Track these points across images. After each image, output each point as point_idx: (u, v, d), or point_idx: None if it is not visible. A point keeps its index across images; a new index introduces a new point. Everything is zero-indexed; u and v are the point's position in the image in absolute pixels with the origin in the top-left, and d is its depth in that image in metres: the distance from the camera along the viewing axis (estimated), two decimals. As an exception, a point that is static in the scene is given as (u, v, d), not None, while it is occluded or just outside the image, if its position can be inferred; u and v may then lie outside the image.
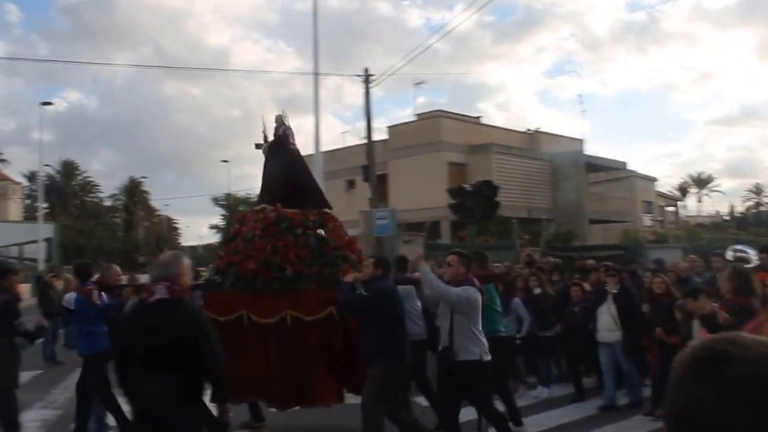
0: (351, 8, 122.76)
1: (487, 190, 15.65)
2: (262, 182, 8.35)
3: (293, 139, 8.24)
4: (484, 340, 6.57)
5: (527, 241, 26.62)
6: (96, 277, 8.33)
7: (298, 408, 7.65)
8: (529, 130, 42.28)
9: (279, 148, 8.16)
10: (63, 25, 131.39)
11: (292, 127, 8.34)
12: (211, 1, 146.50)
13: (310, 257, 7.30)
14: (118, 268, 9.03)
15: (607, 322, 9.23)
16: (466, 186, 16.41)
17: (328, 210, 8.08)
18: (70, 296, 7.49)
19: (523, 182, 36.25)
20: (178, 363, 4.33)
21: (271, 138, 8.26)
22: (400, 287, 7.29)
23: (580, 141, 42.90)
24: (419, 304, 8.13)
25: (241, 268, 7.21)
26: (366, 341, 6.66)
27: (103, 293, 7.87)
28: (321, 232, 7.58)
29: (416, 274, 7.21)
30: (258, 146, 8.28)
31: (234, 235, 7.86)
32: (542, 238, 27.00)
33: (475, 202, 15.36)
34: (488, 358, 6.50)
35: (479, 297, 6.54)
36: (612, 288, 9.42)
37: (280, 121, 8.29)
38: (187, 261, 4.75)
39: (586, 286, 10.50)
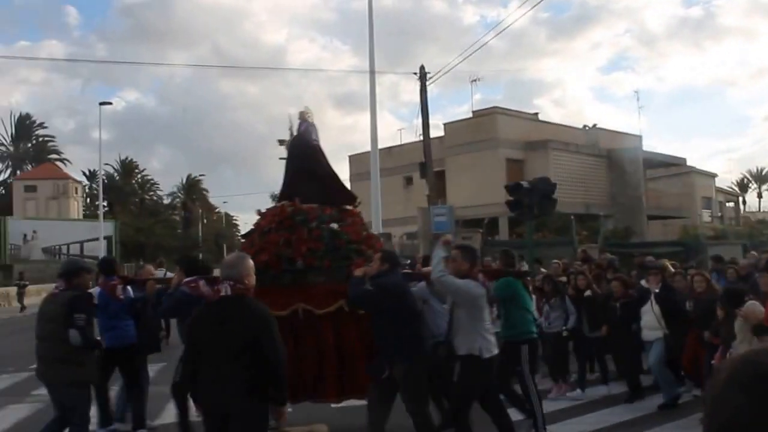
0: (406, 7, 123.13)
1: (545, 187, 15.76)
2: (284, 178, 8.38)
3: (316, 135, 8.26)
4: (491, 338, 6.41)
5: (585, 237, 26.64)
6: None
7: (307, 403, 7.56)
8: (586, 126, 42.04)
9: (301, 145, 8.25)
10: (121, 26, 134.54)
11: (316, 123, 8.39)
12: (267, 0, 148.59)
13: (323, 251, 7.28)
14: (151, 267, 9.43)
15: (650, 321, 9.11)
16: (524, 182, 16.54)
17: (349, 206, 8.13)
18: (94, 291, 7.54)
19: (580, 178, 36.13)
20: (244, 359, 4.55)
21: (294, 134, 8.29)
22: (420, 285, 7.20)
23: (639, 137, 42.52)
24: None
25: (254, 261, 7.28)
26: (377, 338, 6.54)
27: (128, 288, 7.98)
28: (334, 225, 7.58)
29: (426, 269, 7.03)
30: (281, 142, 8.49)
31: (253, 230, 8.05)
32: (600, 235, 26.95)
33: (532, 199, 15.50)
34: (489, 355, 6.28)
35: (481, 292, 6.35)
36: (654, 287, 9.36)
37: (303, 118, 8.33)
38: (250, 262, 5.01)
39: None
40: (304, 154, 8.18)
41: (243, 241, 8.34)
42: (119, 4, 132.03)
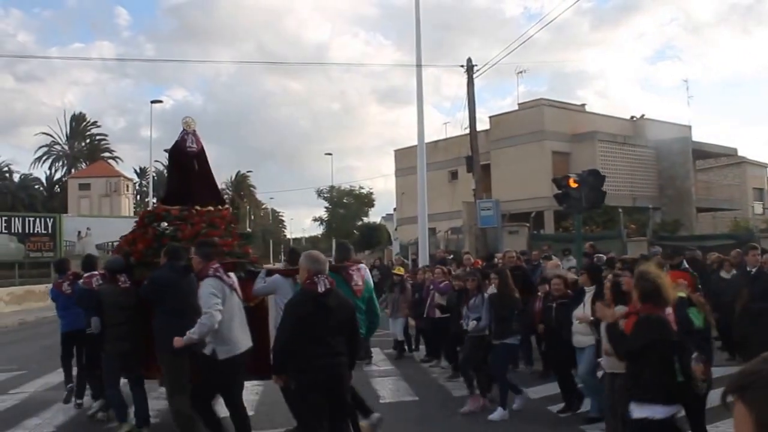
0: (447, 0, 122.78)
1: (594, 180, 15.61)
2: (166, 183, 9.23)
3: (194, 142, 8.90)
4: (232, 338, 6.47)
5: (633, 230, 26.33)
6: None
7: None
8: (634, 117, 41.45)
9: (175, 153, 9.03)
10: (168, 26, 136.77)
11: (197, 131, 9.08)
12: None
13: (153, 248, 8.11)
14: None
15: (581, 326, 7.88)
16: (572, 175, 16.41)
17: (219, 206, 9.01)
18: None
19: (628, 170, 35.68)
20: (346, 338, 5.66)
21: (183, 137, 8.97)
22: (276, 279, 7.77)
23: (688, 127, 41.78)
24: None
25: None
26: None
27: (79, 282, 8.87)
28: (164, 224, 8.57)
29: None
30: (166, 150, 9.46)
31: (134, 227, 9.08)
32: (649, 228, 26.59)
33: (581, 192, 15.37)
34: (218, 357, 6.36)
35: (211, 290, 6.40)
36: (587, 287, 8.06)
37: (185, 127, 9.01)
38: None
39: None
40: (177, 162, 9.07)
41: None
42: (166, 5, 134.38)
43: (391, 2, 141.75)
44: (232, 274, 6.98)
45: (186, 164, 8.88)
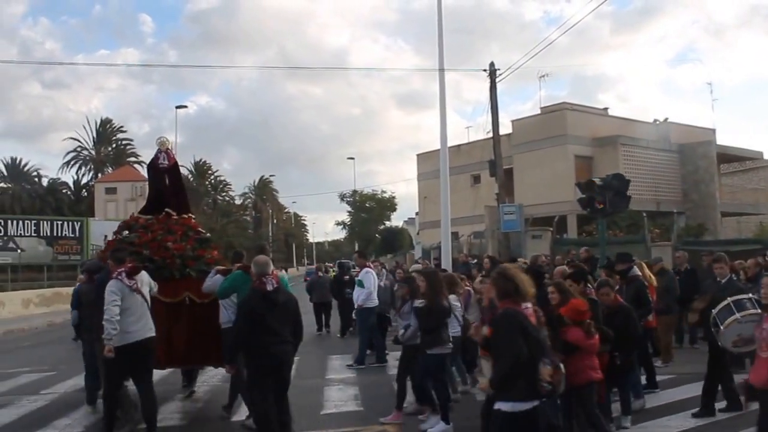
0: (467, 4, 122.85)
1: (618, 184, 15.59)
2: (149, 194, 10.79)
3: (165, 159, 10.37)
4: (128, 329, 7.35)
5: (657, 235, 26.16)
6: None
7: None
8: (657, 120, 41.21)
9: (152, 169, 10.61)
10: (190, 33, 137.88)
11: (171, 148, 10.73)
12: (330, 3, 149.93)
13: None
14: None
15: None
16: (597, 179, 16.40)
17: (182, 215, 10.23)
18: None
19: (651, 174, 35.51)
20: (291, 327, 6.98)
21: (156, 155, 10.49)
22: (218, 278, 8.73)
23: (712, 130, 41.43)
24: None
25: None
26: None
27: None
28: (125, 232, 9.80)
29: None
30: (153, 162, 10.59)
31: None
32: (673, 233, 26.40)
33: (605, 196, 15.35)
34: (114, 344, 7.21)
35: (111, 289, 7.39)
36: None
37: (159, 146, 10.53)
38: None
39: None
40: (152, 177, 10.70)
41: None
42: (189, 12, 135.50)
43: (410, 7, 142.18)
44: (142, 275, 7.92)
45: (159, 179, 10.41)
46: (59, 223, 44.54)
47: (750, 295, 7.07)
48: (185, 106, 64.65)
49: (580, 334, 6.71)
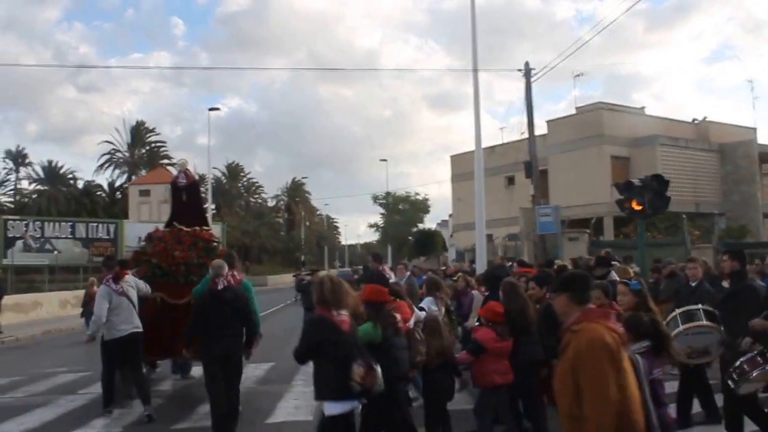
0: (498, 4, 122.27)
1: (657, 185, 15.23)
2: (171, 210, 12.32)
3: (184, 178, 11.82)
4: (115, 327, 9.00)
5: (697, 236, 25.68)
6: None
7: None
8: (695, 119, 40.51)
9: (173, 187, 12.14)
10: (221, 35, 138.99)
11: (191, 168, 12.51)
12: (360, 5, 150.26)
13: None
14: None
15: None
16: (635, 180, 16.05)
17: (195, 227, 11.39)
18: None
19: (690, 175, 34.84)
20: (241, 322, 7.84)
21: (176, 175, 12.28)
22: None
23: (753, 129, 40.60)
24: None
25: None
26: None
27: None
28: (142, 243, 12.02)
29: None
30: (173, 181, 12.19)
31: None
32: (714, 234, 25.88)
33: (644, 197, 15.01)
34: (104, 338, 9.14)
35: (101, 294, 9.18)
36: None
37: (180, 167, 12.66)
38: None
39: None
40: (173, 195, 12.23)
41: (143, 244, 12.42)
42: (219, 15, 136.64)
43: (441, 7, 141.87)
44: (127, 279, 9.42)
45: (178, 196, 11.90)
46: (94, 225, 45.13)
47: (700, 306, 6.79)
48: (218, 109, 65.04)
49: (491, 335, 6.74)
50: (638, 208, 14.94)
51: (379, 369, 5.31)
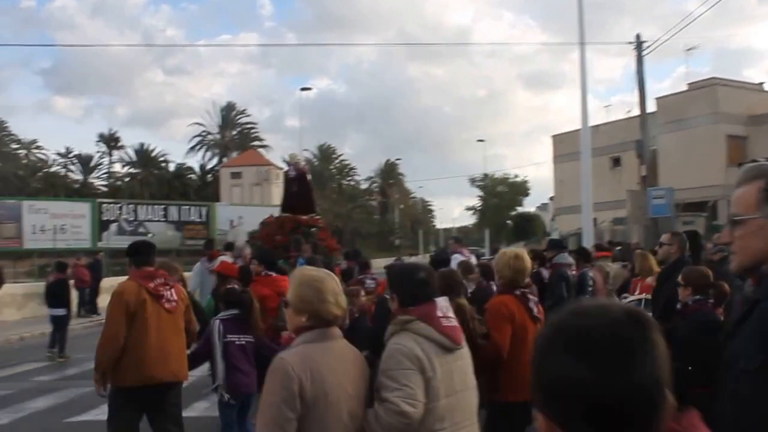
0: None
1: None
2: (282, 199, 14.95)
3: (293, 170, 14.20)
4: None
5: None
6: None
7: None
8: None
9: (285, 179, 14.48)
10: (308, 15, 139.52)
11: (302, 159, 14.21)
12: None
13: None
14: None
15: None
16: (761, 159, 14.46)
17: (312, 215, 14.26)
18: None
19: (815, 155, 32.21)
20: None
21: (287, 168, 15.00)
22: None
23: None
24: None
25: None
26: None
27: None
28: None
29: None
30: (285, 173, 14.69)
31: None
32: None
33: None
34: None
35: None
36: None
37: (290, 161, 15.14)
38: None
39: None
40: (285, 185, 14.72)
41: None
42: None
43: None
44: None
45: (289, 186, 14.03)
46: (186, 208, 45.77)
47: (644, 295, 6.58)
48: (310, 88, 64.72)
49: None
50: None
51: None
